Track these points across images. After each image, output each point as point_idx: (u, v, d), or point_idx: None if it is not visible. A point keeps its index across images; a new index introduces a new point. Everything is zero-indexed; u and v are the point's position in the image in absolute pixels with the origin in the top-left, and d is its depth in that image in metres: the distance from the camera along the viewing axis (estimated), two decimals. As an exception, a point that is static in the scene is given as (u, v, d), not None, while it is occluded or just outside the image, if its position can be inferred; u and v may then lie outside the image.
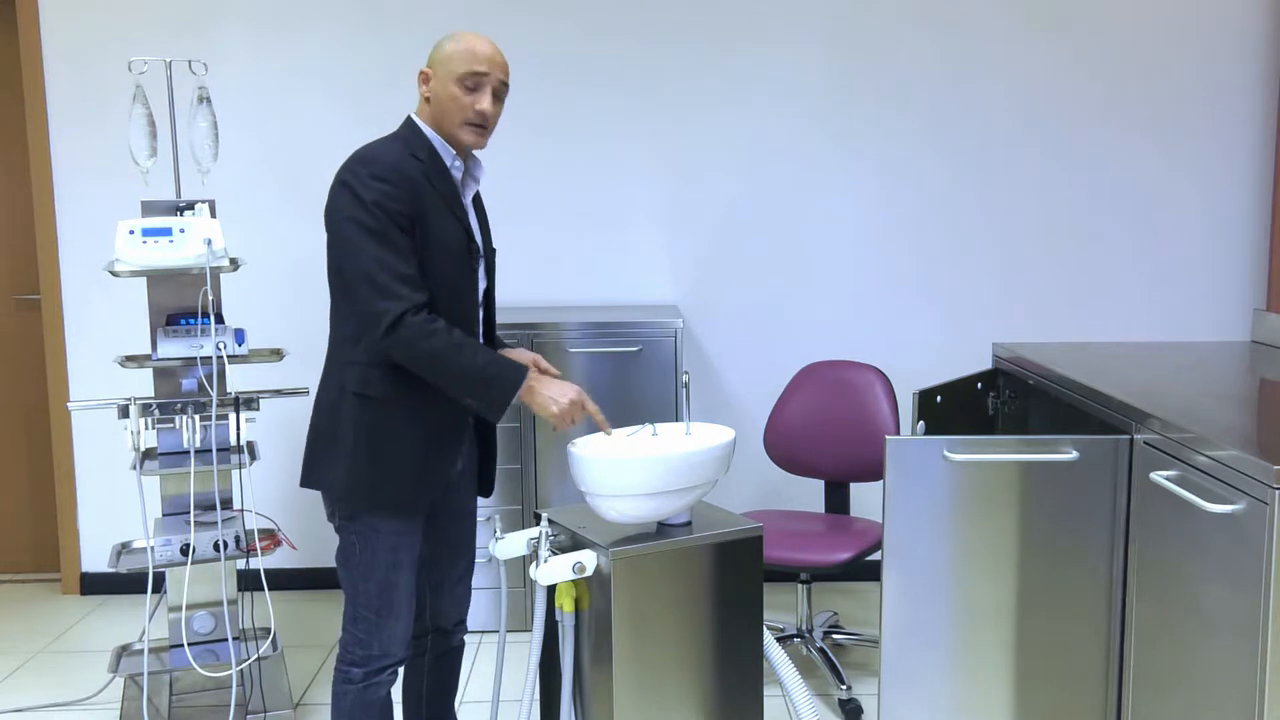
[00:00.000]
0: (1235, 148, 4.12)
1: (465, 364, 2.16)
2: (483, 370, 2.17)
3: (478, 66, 2.23)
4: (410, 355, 2.16)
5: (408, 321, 2.13)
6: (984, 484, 2.33)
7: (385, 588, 2.30)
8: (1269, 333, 3.19)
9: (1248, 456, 1.86)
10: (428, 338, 2.14)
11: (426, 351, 2.15)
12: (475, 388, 2.18)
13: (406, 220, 2.18)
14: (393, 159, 2.20)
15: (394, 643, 2.33)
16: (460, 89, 2.24)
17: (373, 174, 2.16)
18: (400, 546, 2.30)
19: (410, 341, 2.14)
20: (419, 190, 2.21)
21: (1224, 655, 1.96)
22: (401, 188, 2.18)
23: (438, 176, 2.26)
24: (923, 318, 4.18)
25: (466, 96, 2.24)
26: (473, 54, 2.23)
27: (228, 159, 4.09)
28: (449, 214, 2.25)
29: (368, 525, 2.28)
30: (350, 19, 4.04)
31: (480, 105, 2.24)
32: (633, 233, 4.15)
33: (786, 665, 2.22)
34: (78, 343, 4.16)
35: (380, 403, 2.24)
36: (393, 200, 2.16)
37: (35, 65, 4.02)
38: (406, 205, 2.18)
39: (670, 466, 2.11)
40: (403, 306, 2.13)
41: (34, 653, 3.72)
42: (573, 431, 3.69)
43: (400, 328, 2.13)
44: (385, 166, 2.18)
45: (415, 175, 2.21)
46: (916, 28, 4.06)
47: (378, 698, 2.35)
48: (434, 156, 2.27)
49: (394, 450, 2.25)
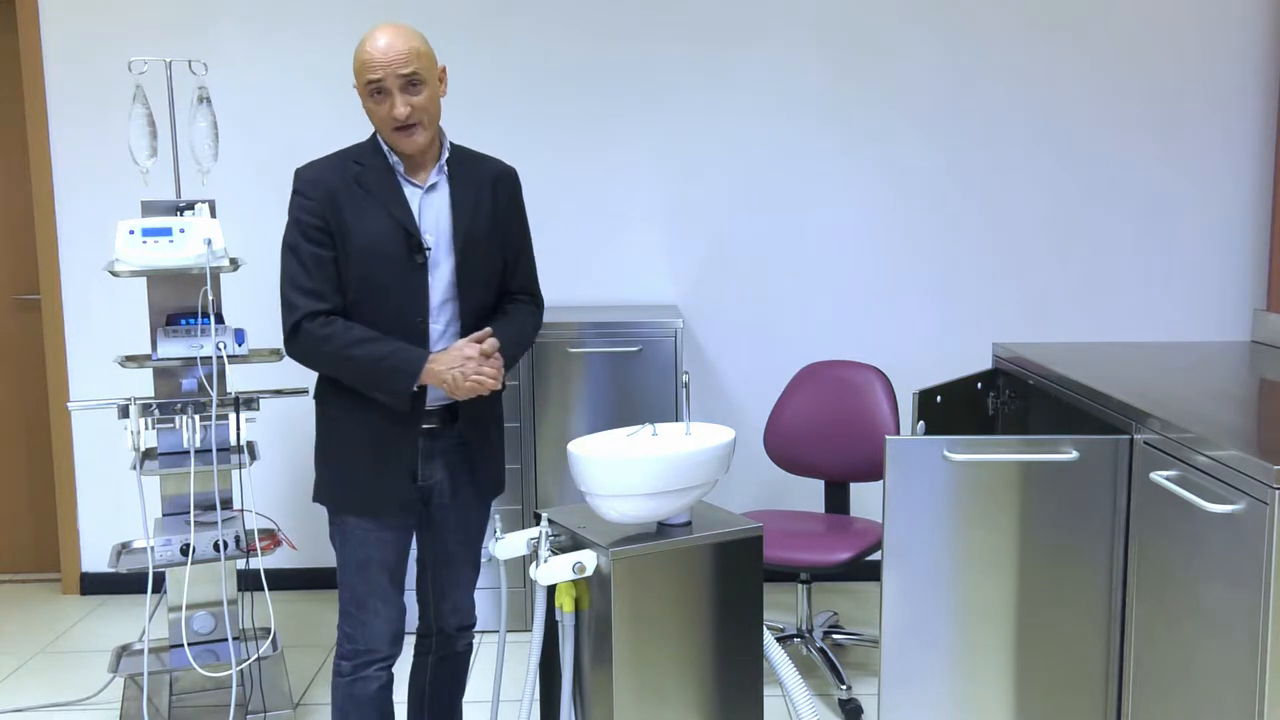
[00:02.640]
0: (1235, 148, 4.12)
1: (362, 359, 2.21)
2: (380, 362, 2.21)
3: (370, 75, 2.20)
4: (311, 361, 2.26)
5: (303, 329, 2.23)
6: (984, 484, 2.33)
7: (356, 585, 2.36)
8: (1269, 333, 3.19)
9: (1248, 456, 1.86)
10: (322, 341, 2.22)
11: (322, 355, 2.24)
12: (376, 381, 2.23)
13: (318, 231, 2.24)
14: (316, 171, 2.28)
15: (376, 639, 2.36)
16: (371, 101, 2.24)
17: (295, 188, 2.28)
18: (369, 544, 2.34)
19: (307, 349, 2.25)
20: (337, 198, 2.24)
21: (1224, 655, 1.96)
22: (317, 199, 2.24)
23: (376, 178, 2.27)
24: (923, 318, 4.18)
25: (378, 106, 2.23)
26: (366, 64, 2.20)
27: (228, 159, 4.09)
28: (379, 214, 2.25)
29: (339, 522, 2.37)
30: (350, 19, 4.04)
31: (394, 111, 2.21)
32: (633, 233, 4.15)
33: (786, 665, 2.22)
34: (78, 343, 4.16)
35: (330, 407, 2.34)
36: (305, 212, 2.25)
37: (35, 65, 4.02)
38: (319, 216, 2.24)
39: (670, 466, 2.11)
40: (297, 316, 2.23)
41: (34, 653, 3.72)
42: (573, 432, 3.69)
43: (297, 336, 2.24)
44: (304, 180, 2.28)
45: (336, 184, 2.25)
46: (917, 28, 4.06)
47: (365, 692, 2.37)
48: (377, 158, 2.29)
49: (345, 452, 2.33)
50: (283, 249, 2.28)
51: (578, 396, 3.68)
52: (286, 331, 2.26)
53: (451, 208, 2.32)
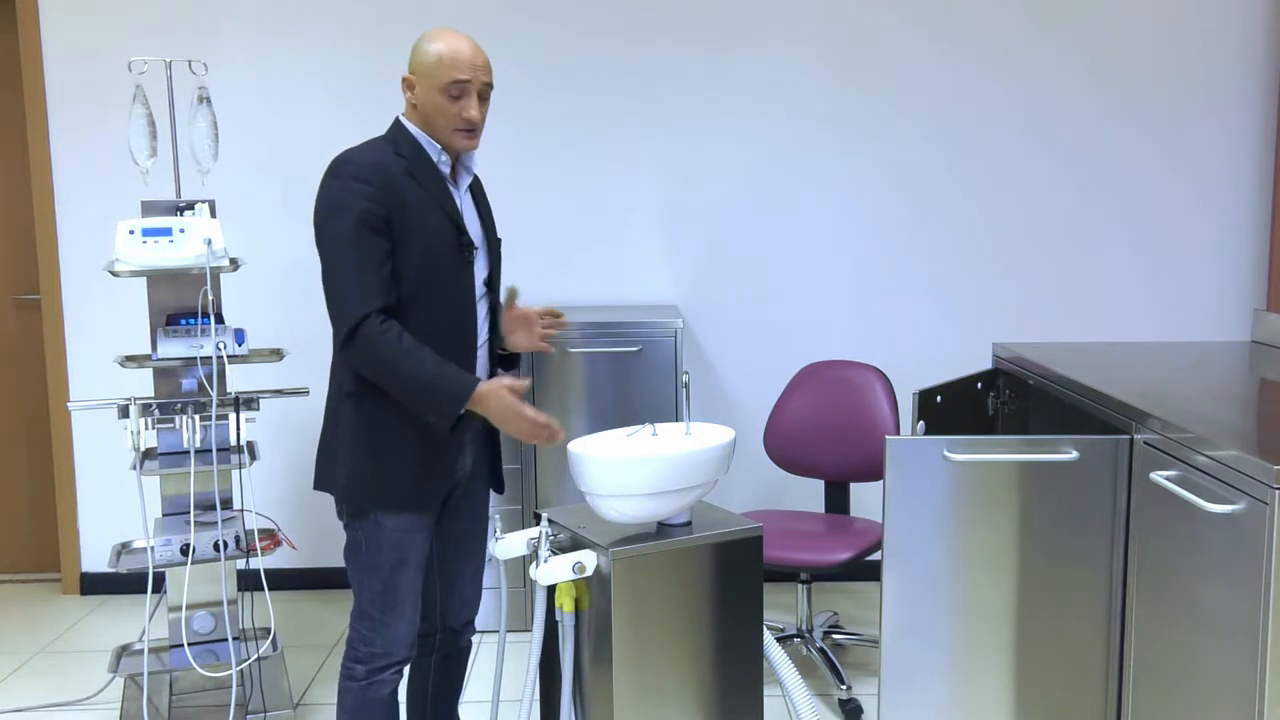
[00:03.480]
0: (1235, 147, 4.12)
1: (411, 373, 2.15)
2: (431, 381, 2.16)
3: (460, 75, 2.21)
4: (363, 364, 2.18)
5: (362, 330, 2.15)
6: (984, 484, 2.33)
7: (389, 586, 2.30)
8: (1269, 333, 3.19)
9: (1248, 456, 1.86)
10: (377, 347, 2.14)
11: (375, 361, 2.16)
12: (424, 399, 2.17)
13: (381, 221, 2.17)
14: (373, 158, 2.21)
15: (397, 642, 2.33)
16: (445, 98, 2.22)
17: (353, 175, 2.17)
18: (406, 544, 2.29)
19: (362, 351, 2.16)
20: (399, 188, 2.20)
21: (1224, 655, 1.96)
22: (379, 187, 2.18)
23: (424, 173, 2.25)
24: (923, 318, 4.18)
25: (453, 105, 2.23)
26: (455, 62, 2.21)
27: (228, 159, 4.09)
28: (436, 209, 2.25)
29: (372, 522, 2.28)
30: (350, 19, 4.04)
31: (468, 113, 2.23)
32: (633, 233, 4.15)
33: (786, 665, 2.22)
34: (78, 343, 4.16)
35: (375, 401, 2.25)
36: (368, 200, 2.16)
37: (35, 65, 4.02)
38: (383, 205, 2.17)
39: (670, 466, 2.11)
40: (358, 315, 2.14)
41: (34, 653, 3.72)
42: (573, 432, 3.69)
43: (355, 337, 2.15)
44: (364, 167, 2.18)
45: (396, 173, 2.21)
46: (916, 28, 4.06)
47: (380, 696, 2.35)
48: (419, 153, 2.27)
49: (392, 447, 2.25)
50: (333, 241, 2.17)
51: (578, 396, 3.68)
52: (345, 329, 2.15)
53: (478, 211, 2.40)
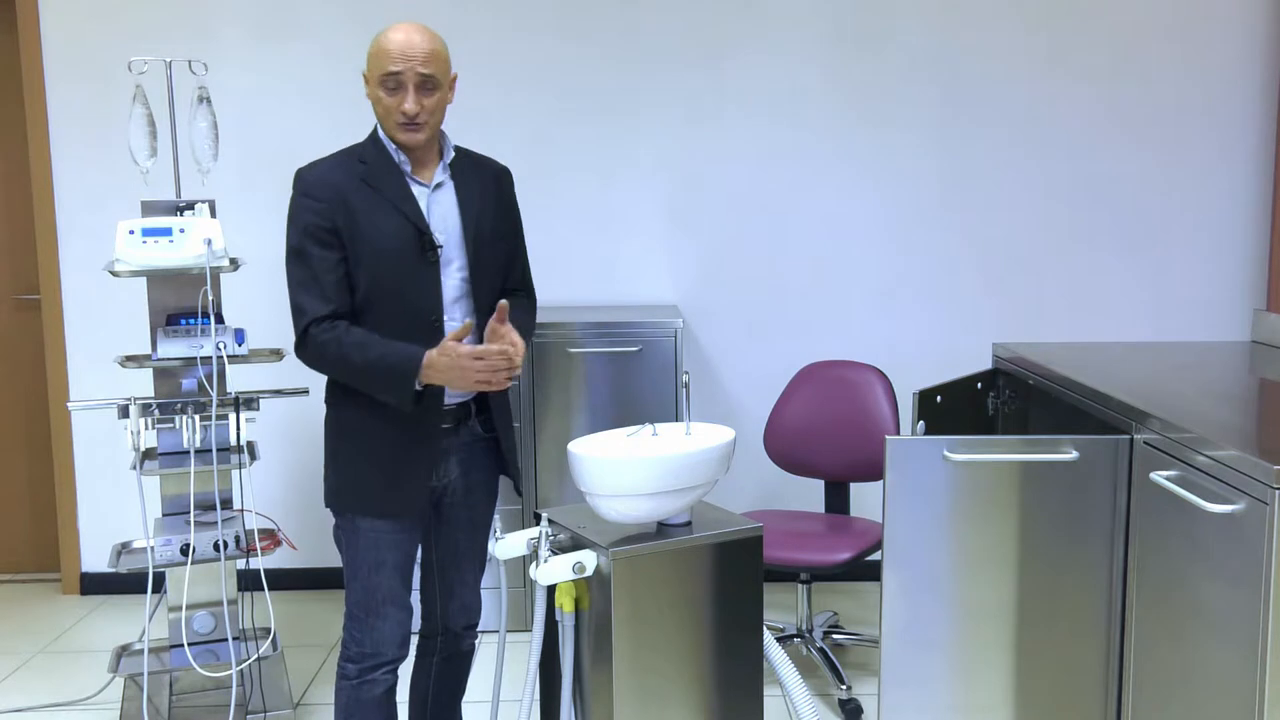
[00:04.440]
0: (1235, 148, 4.12)
1: (360, 362, 2.19)
2: (377, 363, 2.19)
3: (391, 66, 2.19)
4: (319, 365, 2.24)
5: (310, 334, 2.21)
6: (984, 484, 2.33)
7: (368, 588, 2.34)
8: (1269, 333, 3.19)
9: (1248, 456, 1.86)
10: (325, 345, 2.20)
11: (326, 359, 2.22)
12: (377, 383, 2.21)
13: (326, 232, 2.22)
14: (321, 171, 2.26)
15: (384, 642, 2.35)
16: (383, 91, 2.22)
17: (301, 190, 2.25)
18: (383, 546, 2.32)
19: (313, 354, 2.23)
20: (348, 198, 2.22)
21: (1224, 655, 1.96)
22: (324, 200, 2.22)
23: (382, 176, 2.25)
24: (923, 318, 4.18)
25: (389, 98, 2.22)
26: (386, 54, 2.19)
27: (228, 159, 4.09)
28: (392, 212, 2.24)
29: (350, 524, 2.34)
30: (350, 19, 4.04)
31: (403, 106, 2.21)
32: (633, 233, 4.15)
33: (786, 665, 2.22)
34: (78, 343, 4.16)
35: (348, 408, 2.31)
36: (312, 214, 2.22)
37: (35, 65, 4.02)
38: (328, 218, 2.21)
39: (670, 466, 2.11)
40: (305, 321, 2.21)
41: (34, 653, 3.72)
42: (573, 432, 3.69)
43: (305, 342, 2.23)
44: (309, 182, 2.25)
45: (344, 183, 2.23)
46: (915, 31, 4.06)
47: (372, 695, 2.37)
48: (381, 155, 2.27)
49: (362, 455, 2.30)
50: (288, 254, 2.25)
51: (578, 397, 3.68)
52: (296, 337, 2.25)
53: (459, 206, 2.34)
